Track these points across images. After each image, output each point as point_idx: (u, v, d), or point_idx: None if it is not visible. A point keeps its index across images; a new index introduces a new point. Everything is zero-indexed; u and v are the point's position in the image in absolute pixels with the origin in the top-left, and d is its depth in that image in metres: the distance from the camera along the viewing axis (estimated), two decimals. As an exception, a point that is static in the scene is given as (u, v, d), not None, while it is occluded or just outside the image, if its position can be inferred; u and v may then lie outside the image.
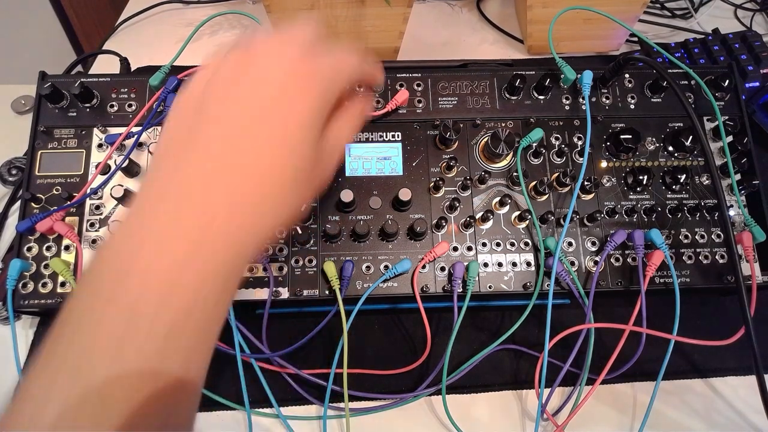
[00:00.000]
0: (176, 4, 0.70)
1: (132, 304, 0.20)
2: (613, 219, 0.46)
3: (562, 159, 0.47)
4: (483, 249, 0.44)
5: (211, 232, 0.22)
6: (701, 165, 0.47)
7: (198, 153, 0.23)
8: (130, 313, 0.20)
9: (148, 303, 0.20)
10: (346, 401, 0.40)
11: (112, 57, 0.55)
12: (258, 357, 0.42)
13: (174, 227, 0.22)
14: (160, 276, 0.21)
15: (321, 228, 0.44)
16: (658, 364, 0.42)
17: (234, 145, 0.23)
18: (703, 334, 0.41)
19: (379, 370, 0.44)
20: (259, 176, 0.23)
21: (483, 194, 0.46)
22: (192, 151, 0.23)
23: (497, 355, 0.46)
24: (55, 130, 0.45)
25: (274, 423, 0.43)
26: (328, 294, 0.43)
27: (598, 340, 0.43)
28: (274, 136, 0.24)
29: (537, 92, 0.48)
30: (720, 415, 0.45)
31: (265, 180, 0.23)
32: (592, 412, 0.44)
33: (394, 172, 0.46)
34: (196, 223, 0.22)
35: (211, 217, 0.22)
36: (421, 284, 0.43)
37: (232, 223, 0.22)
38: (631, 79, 0.49)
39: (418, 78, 0.48)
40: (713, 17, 0.71)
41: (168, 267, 0.21)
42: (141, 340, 0.20)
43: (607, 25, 0.61)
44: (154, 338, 0.20)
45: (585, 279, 0.44)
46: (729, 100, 0.49)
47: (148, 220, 0.22)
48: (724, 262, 0.45)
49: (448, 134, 0.44)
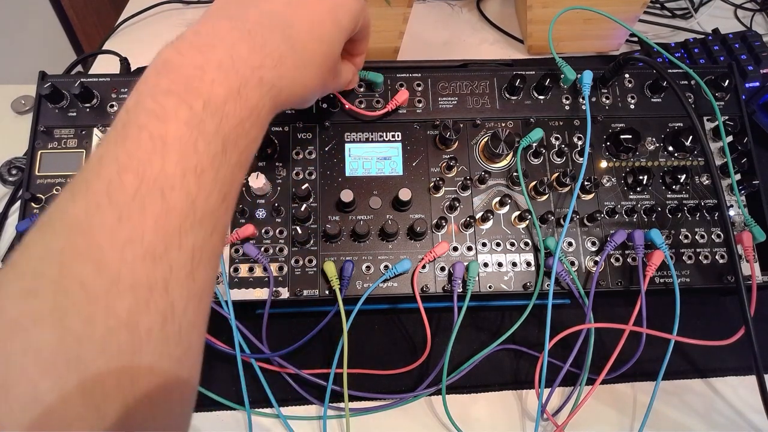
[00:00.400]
0: (176, 4, 0.70)
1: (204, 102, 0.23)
2: (613, 219, 0.46)
3: (562, 159, 0.47)
4: (483, 249, 0.44)
5: (264, 68, 0.25)
6: (701, 165, 0.47)
7: (263, 4, 0.28)
8: (201, 113, 0.22)
9: (215, 112, 0.23)
10: (346, 401, 0.40)
11: (112, 57, 0.55)
12: (258, 357, 0.42)
13: (235, 52, 0.24)
14: (223, 88, 0.23)
15: (321, 228, 0.44)
16: (658, 364, 0.42)
17: (295, 5, 0.28)
18: (703, 334, 0.41)
19: (379, 370, 0.44)
20: (308, 41, 0.29)
21: (483, 194, 0.46)
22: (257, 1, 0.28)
23: (497, 355, 0.46)
24: (55, 130, 0.45)
25: (274, 423, 0.43)
26: (328, 294, 0.43)
27: (598, 340, 0.43)
28: (323, 20, 0.30)
29: (537, 92, 0.48)
30: (720, 415, 0.45)
31: (311, 46, 0.29)
32: (592, 412, 0.44)
33: (394, 172, 0.46)
34: (253, 56, 0.25)
35: (266, 55, 0.25)
36: (421, 284, 0.43)
37: (281, 67, 0.26)
38: (631, 79, 0.49)
39: (418, 78, 0.48)
40: (713, 17, 0.71)
41: (229, 87, 0.23)
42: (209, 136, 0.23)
43: (607, 25, 0.61)
44: (216, 141, 0.23)
45: (585, 279, 0.44)
46: (729, 100, 0.49)
47: (214, 40, 0.25)
48: (724, 262, 0.45)
49: (448, 134, 0.44)
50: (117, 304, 0.19)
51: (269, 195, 0.45)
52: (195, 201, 0.21)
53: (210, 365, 0.45)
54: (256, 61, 0.25)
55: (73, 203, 0.20)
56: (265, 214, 0.44)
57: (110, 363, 0.19)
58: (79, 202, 0.20)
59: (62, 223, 0.20)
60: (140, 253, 0.20)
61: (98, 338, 0.18)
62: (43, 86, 0.44)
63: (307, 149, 0.46)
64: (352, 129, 0.47)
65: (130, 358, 0.19)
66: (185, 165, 0.21)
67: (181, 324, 0.21)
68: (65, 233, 0.20)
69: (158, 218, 0.20)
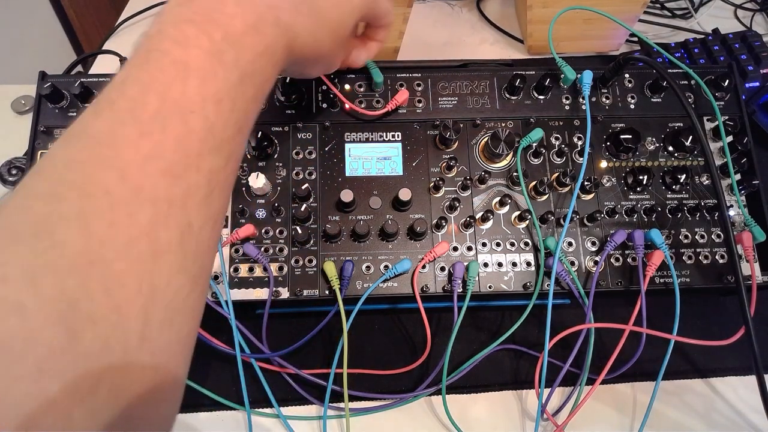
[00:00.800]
0: (176, 4, 0.70)
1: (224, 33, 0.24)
2: (613, 219, 0.46)
3: (562, 159, 0.47)
4: (483, 249, 0.44)
5: (281, 9, 0.26)
6: (701, 165, 0.47)
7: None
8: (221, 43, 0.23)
9: (234, 41, 0.24)
10: (346, 401, 0.40)
11: (112, 57, 0.55)
12: (258, 357, 0.42)
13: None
14: (240, 21, 0.24)
15: (321, 228, 0.44)
16: (658, 364, 0.42)
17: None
18: (703, 334, 0.41)
19: (379, 370, 0.44)
20: (323, 1, 0.30)
21: (483, 194, 0.46)
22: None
23: (497, 355, 0.46)
24: (55, 130, 0.45)
25: (274, 423, 0.43)
26: (328, 294, 0.43)
27: (598, 340, 0.43)
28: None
29: (537, 92, 0.48)
30: (720, 415, 0.45)
31: (326, 6, 0.30)
32: (592, 412, 0.44)
33: (394, 172, 0.46)
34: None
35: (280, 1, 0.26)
36: (421, 284, 0.43)
37: (296, 14, 0.27)
38: (631, 79, 0.49)
39: (418, 78, 0.48)
40: (713, 17, 0.71)
41: (245, 20, 0.24)
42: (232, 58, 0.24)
43: (607, 25, 0.61)
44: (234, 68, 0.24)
45: (585, 279, 0.44)
46: (729, 100, 0.49)
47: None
48: (724, 262, 0.45)
49: (448, 134, 0.44)
50: (139, 213, 0.20)
51: (269, 195, 0.45)
52: (213, 127, 0.22)
53: (210, 365, 0.45)
54: (272, 0, 0.26)
55: (97, 119, 0.21)
56: (265, 214, 0.44)
57: (132, 266, 0.19)
58: (103, 117, 0.21)
59: (87, 136, 0.21)
60: (161, 168, 0.21)
61: (121, 243, 0.19)
62: (43, 86, 0.44)
63: (307, 149, 0.46)
64: (352, 129, 0.47)
65: (150, 266, 0.20)
66: (205, 91, 0.22)
67: (198, 242, 0.22)
68: (90, 145, 0.21)
69: (178, 139, 0.21)
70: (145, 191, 0.20)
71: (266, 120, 0.46)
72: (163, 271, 0.20)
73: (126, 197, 0.20)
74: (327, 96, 0.47)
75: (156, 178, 0.20)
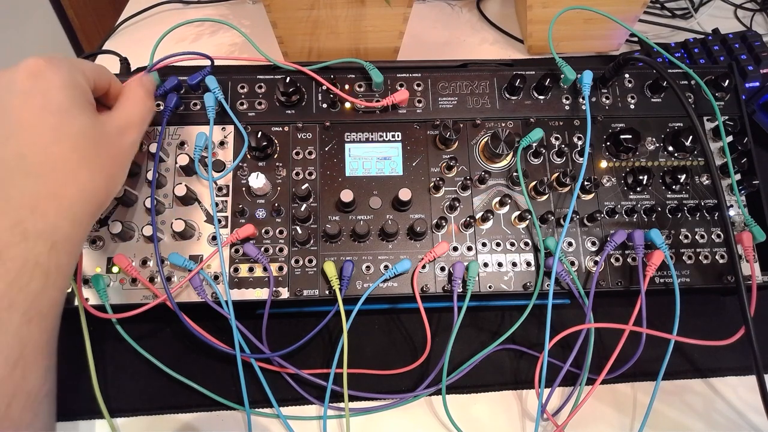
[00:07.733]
0: (176, 4, 0.70)
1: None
2: (613, 219, 0.46)
3: (562, 159, 0.47)
4: (483, 249, 0.44)
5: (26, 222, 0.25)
6: (701, 165, 0.47)
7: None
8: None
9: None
10: (346, 401, 0.40)
11: (112, 57, 0.55)
12: (258, 357, 0.42)
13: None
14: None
15: (321, 228, 0.44)
16: (658, 364, 0.42)
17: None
18: (703, 334, 0.41)
19: (379, 370, 0.44)
20: (40, 145, 0.27)
21: (483, 194, 0.46)
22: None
23: (497, 355, 0.46)
24: (55, 130, 0.45)
25: (274, 423, 0.43)
26: (328, 294, 0.43)
27: (598, 340, 0.43)
28: (34, 105, 0.27)
29: (537, 92, 0.48)
30: (720, 415, 0.45)
31: (46, 147, 0.27)
32: (592, 412, 0.44)
33: (394, 172, 0.46)
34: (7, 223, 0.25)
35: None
36: (421, 284, 0.43)
37: (40, 220, 0.26)
38: (631, 79, 0.49)
39: (418, 78, 0.48)
40: (713, 17, 0.71)
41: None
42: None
43: (607, 25, 0.61)
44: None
45: (585, 279, 0.44)
46: (729, 100, 0.49)
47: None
48: (724, 262, 0.45)
49: (448, 134, 0.44)
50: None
51: (269, 195, 0.45)
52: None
53: (210, 365, 0.45)
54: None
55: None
56: (265, 214, 0.44)
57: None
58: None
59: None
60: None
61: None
62: (43, 86, 0.44)
63: (307, 149, 0.46)
64: (352, 129, 0.47)
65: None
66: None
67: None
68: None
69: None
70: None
71: (266, 120, 0.46)
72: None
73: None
74: (327, 96, 0.47)
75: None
